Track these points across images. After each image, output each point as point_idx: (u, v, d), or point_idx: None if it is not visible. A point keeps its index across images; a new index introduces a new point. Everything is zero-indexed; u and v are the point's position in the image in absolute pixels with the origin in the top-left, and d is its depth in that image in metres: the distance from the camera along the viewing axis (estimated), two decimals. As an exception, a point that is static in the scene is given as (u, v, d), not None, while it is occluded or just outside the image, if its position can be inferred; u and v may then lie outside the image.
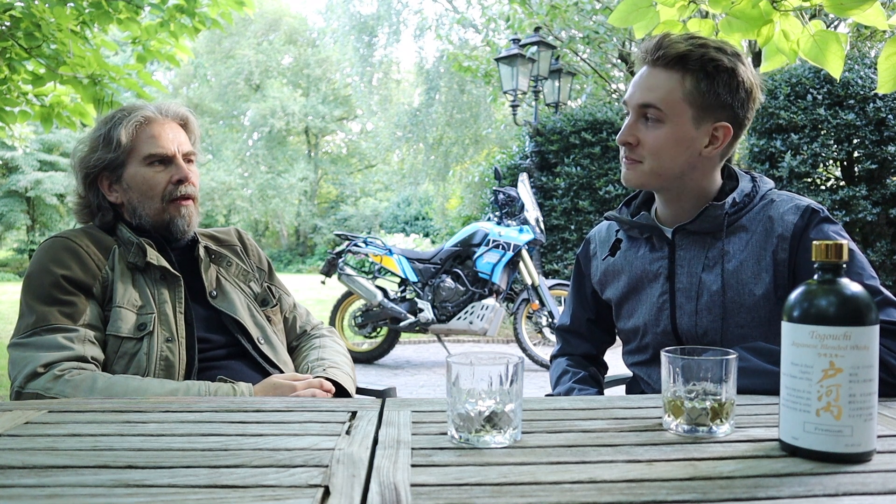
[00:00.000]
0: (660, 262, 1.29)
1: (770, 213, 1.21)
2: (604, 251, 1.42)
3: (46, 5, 3.48)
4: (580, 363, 1.47)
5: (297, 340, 1.59)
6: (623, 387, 1.53)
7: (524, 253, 5.20)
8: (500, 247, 5.18)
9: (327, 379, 1.36)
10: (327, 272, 5.41)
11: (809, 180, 6.38)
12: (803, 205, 1.20)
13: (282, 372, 1.41)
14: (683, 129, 1.19)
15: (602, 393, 1.42)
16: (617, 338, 1.48)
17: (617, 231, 1.41)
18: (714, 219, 1.22)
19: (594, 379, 1.44)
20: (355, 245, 5.50)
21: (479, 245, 5.28)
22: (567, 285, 5.44)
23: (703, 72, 1.17)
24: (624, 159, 1.26)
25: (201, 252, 1.46)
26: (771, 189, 1.27)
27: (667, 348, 0.85)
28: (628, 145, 1.24)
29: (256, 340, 1.42)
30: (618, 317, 1.40)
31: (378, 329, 5.54)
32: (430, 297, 5.29)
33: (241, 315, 1.43)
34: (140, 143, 1.38)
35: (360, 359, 5.59)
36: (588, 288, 1.47)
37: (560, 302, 5.35)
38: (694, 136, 1.20)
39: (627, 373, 1.48)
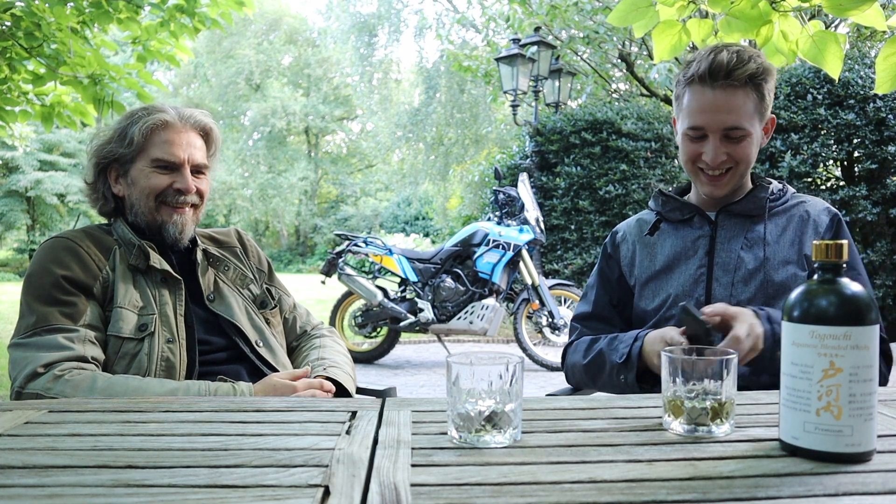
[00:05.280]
0: (701, 240, 1.42)
1: (807, 208, 1.40)
2: (633, 238, 1.51)
3: (46, 5, 3.48)
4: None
5: (298, 340, 1.59)
6: None
7: (524, 253, 5.20)
8: (500, 247, 5.18)
9: (327, 379, 1.36)
10: (327, 272, 5.40)
11: (809, 180, 6.38)
12: (832, 208, 1.41)
13: None
14: (757, 134, 1.37)
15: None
16: None
17: (658, 221, 1.51)
18: (758, 200, 1.40)
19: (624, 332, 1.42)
20: (355, 245, 5.49)
21: (479, 245, 5.27)
22: (567, 285, 5.44)
23: (764, 81, 1.33)
24: (713, 178, 1.38)
25: (199, 256, 1.46)
26: (795, 192, 1.46)
27: (666, 348, 0.85)
28: (722, 163, 1.36)
29: (254, 343, 1.42)
30: (640, 296, 1.45)
31: (378, 329, 5.54)
32: (430, 297, 5.29)
33: (239, 319, 1.43)
34: (151, 145, 1.39)
35: (360, 359, 5.59)
36: (615, 272, 1.52)
37: (560, 302, 5.35)
38: (760, 135, 1.38)
39: None
